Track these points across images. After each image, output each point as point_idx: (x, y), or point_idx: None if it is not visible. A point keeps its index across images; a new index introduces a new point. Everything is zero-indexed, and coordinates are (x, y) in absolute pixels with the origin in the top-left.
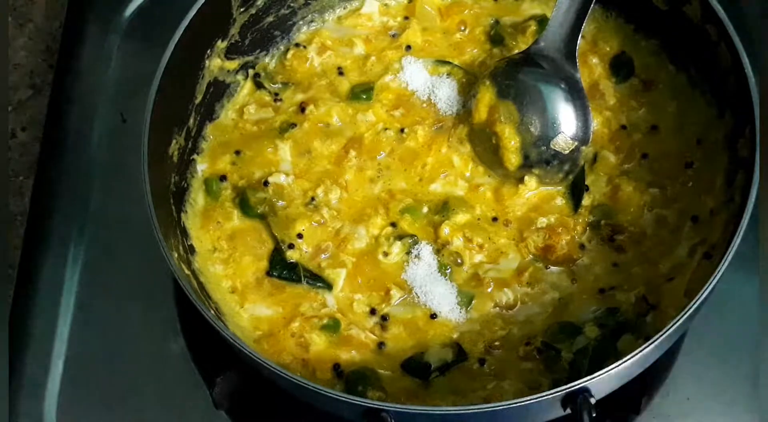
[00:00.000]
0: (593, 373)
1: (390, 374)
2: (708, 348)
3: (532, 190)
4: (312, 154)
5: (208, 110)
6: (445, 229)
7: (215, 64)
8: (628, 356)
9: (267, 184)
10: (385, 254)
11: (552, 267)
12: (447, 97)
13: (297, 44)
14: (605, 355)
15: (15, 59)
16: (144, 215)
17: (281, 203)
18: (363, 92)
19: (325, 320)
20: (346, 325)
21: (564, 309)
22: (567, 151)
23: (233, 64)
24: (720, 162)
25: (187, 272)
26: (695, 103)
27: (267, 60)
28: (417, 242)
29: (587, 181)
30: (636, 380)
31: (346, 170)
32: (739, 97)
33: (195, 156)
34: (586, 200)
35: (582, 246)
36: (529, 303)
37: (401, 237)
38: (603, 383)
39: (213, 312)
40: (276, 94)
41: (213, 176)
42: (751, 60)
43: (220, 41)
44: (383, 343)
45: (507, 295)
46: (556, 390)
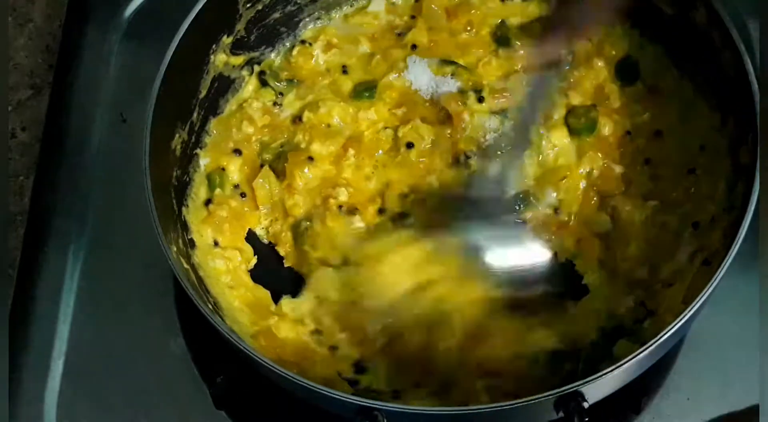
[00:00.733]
0: (587, 377)
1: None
2: (708, 348)
3: None
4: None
5: (212, 105)
6: None
7: (220, 59)
8: (621, 361)
9: None
10: None
11: None
12: None
13: (303, 41)
14: (600, 359)
15: (15, 59)
16: (145, 215)
17: None
18: (366, 90)
19: None
20: None
21: None
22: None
23: (238, 59)
24: (722, 169)
25: (186, 266)
26: (699, 109)
27: (272, 56)
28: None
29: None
30: (636, 380)
31: (344, 169)
32: (742, 105)
33: (198, 150)
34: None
35: None
36: None
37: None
38: (596, 388)
39: (211, 306)
40: (280, 93)
41: (216, 170)
42: (755, 67)
43: (225, 36)
44: None
45: None
46: (548, 393)
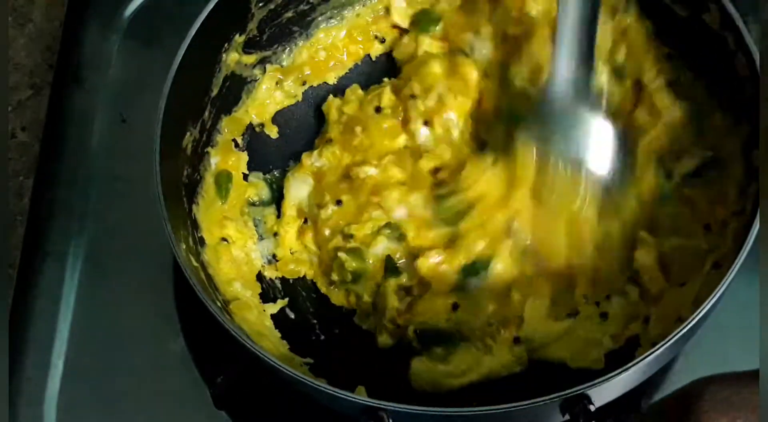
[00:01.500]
0: (594, 379)
1: None
2: (708, 348)
3: None
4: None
5: (224, 104)
6: None
7: (232, 58)
8: (630, 363)
9: None
10: None
11: None
12: None
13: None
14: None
15: (15, 59)
16: (145, 215)
17: None
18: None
19: None
20: None
21: None
22: None
23: (251, 58)
24: (735, 171)
25: (196, 264)
26: (712, 111)
27: (284, 55)
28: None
29: None
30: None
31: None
32: (755, 107)
33: (209, 149)
34: None
35: None
36: None
37: None
38: (604, 390)
39: (219, 304)
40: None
41: (224, 172)
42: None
43: (238, 35)
44: None
45: None
46: (554, 395)
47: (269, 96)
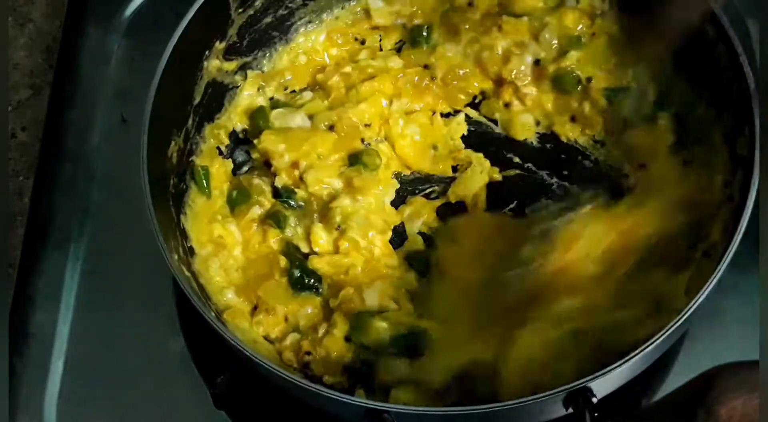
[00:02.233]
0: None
1: None
2: (708, 348)
3: None
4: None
5: (206, 111)
6: None
7: (213, 65)
8: (630, 355)
9: None
10: None
11: None
12: None
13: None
14: None
15: (15, 59)
16: (144, 215)
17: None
18: None
19: None
20: None
21: None
22: None
23: (231, 65)
24: (719, 160)
25: (187, 274)
26: (694, 102)
27: (265, 61)
28: None
29: None
30: (636, 380)
31: None
32: (738, 96)
33: (194, 157)
34: None
35: None
36: None
37: None
38: (605, 382)
39: (213, 313)
40: (270, 98)
41: (197, 168)
42: (754, 67)
43: (218, 42)
44: None
45: None
46: (557, 389)
47: (251, 102)
